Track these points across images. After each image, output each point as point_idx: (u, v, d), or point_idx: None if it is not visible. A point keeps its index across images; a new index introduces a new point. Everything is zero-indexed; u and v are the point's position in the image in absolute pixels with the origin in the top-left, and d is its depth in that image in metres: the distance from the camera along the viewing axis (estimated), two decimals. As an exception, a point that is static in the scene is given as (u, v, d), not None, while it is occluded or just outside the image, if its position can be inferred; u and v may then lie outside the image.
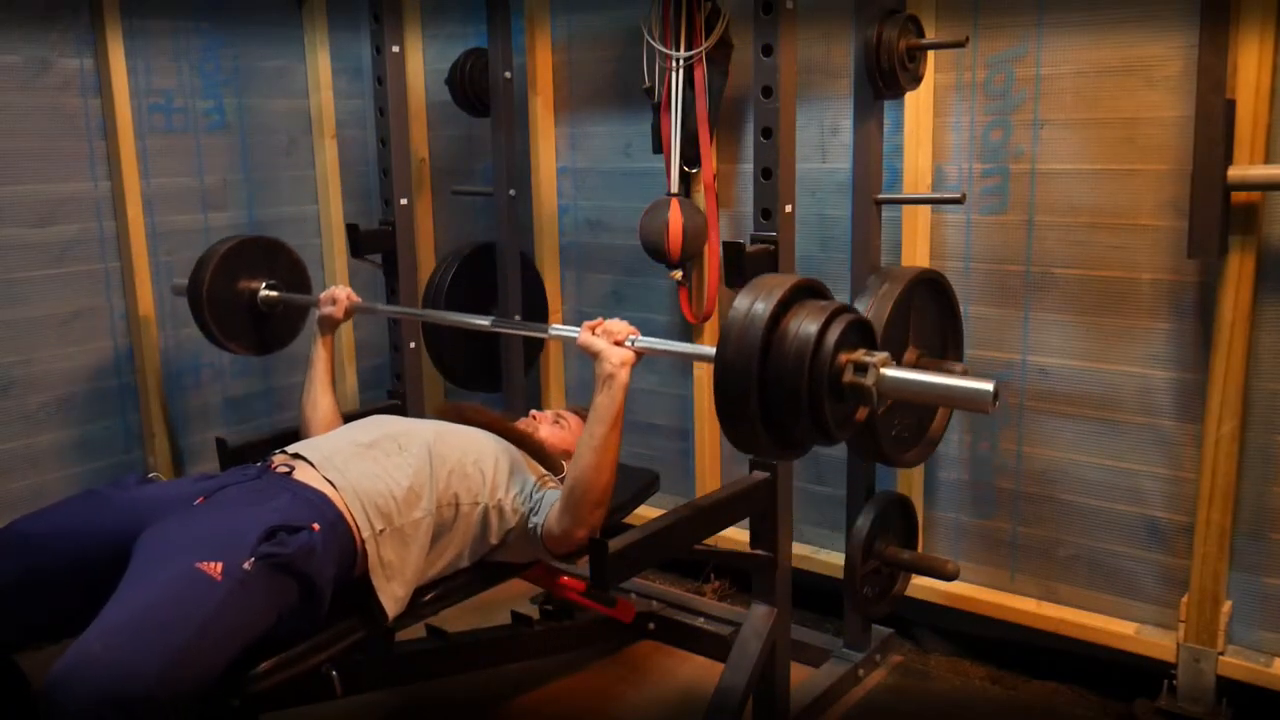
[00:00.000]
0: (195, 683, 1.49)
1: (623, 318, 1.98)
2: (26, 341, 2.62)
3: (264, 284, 2.59)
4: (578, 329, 1.96)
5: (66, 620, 1.72)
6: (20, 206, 2.57)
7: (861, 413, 1.58)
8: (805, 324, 1.49)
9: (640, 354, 1.92)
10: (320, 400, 2.36)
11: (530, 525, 1.98)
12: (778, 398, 1.49)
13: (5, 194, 2.55)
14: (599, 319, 1.95)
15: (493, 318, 2.29)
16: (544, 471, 2.11)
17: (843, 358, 1.49)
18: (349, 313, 2.43)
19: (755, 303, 1.51)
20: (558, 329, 2.07)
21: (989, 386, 1.42)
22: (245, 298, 2.58)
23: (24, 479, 2.63)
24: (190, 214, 2.92)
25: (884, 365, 1.48)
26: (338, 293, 2.41)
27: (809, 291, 1.57)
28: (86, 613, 1.54)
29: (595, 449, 1.88)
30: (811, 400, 1.47)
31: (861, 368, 1.48)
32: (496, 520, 1.99)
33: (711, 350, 1.56)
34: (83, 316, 2.72)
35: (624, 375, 1.89)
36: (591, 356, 1.92)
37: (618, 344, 1.91)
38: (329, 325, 2.42)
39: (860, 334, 1.53)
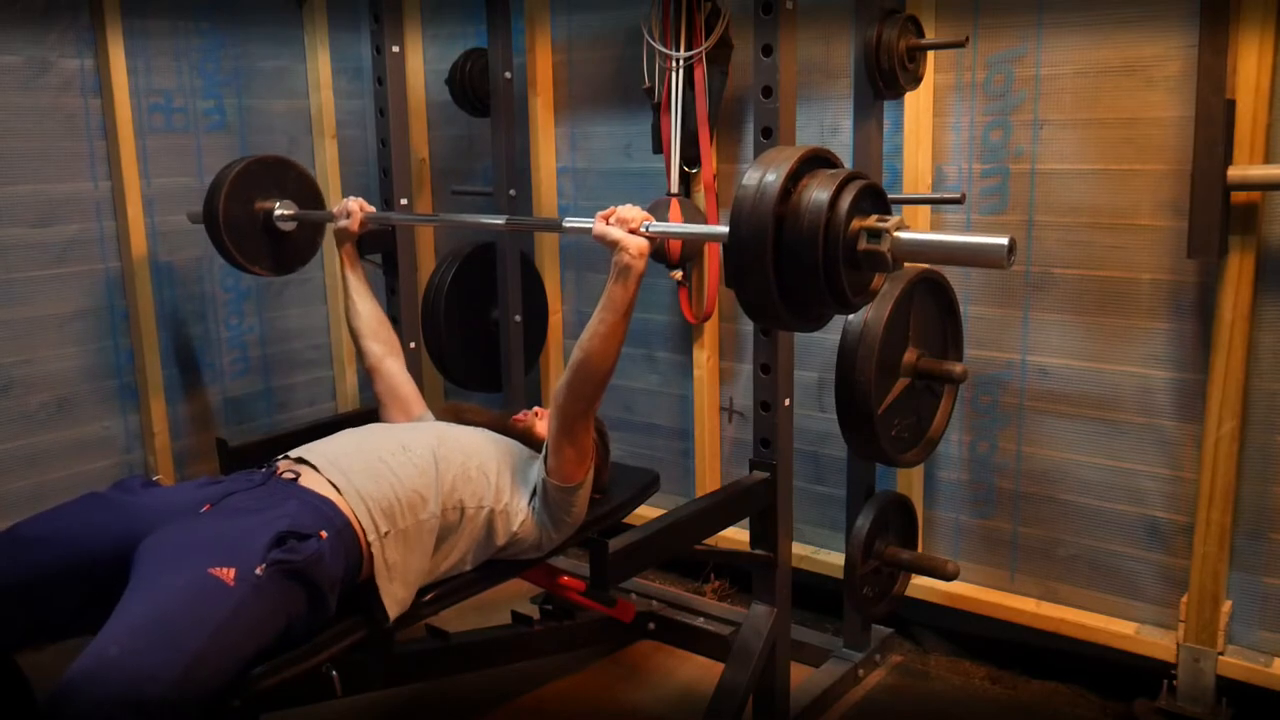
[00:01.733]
0: (210, 687, 1.49)
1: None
2: (26, 341, 2.62)
3: (278, 203, 2.58)
4: (591, 220, 1.92)
5: (69, 622, 1.72)
6: (20, 206, 2.57)
7: (878, 280, 1.56)
8: (817, 193, 1.46)
9: (654, 239, 1.89)
10: (361, 306, 2.41)
11: (536, 487, 2.00)
12: (793, 270, 1.47)
13: (5, 194, 2.55)
14: (611, 208, 1.91)
15: (507, 216, 2.27)
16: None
17: (856, 224, 1.47)
18: (364, 224, 2.42)
19: (765, 175, 1.49)
20: (572, 221, 2.03)
21: (1003, 240, 1.40)
22: (261, 219, 2.58)
23: (24, 479, 2.63)
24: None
25: (897, 229, 1.47)
26: (351, 204, 2.41)
27: (819, 161, 1.54)
28: (88, 615, 1.54)
29: (604, 335, 1.87)
30: (827, 270, 1.46)
31: (875, 234, 1.46)
32: (503, 524, 1.99)
33: (725, 230, 1.54)
34: (83, 316, 2.71)
35: (640, 265, 1.87)
36: (609, 246, 1.89)
37: (632, 232, 1.88)
38: (346, 237, 2.43)
39: (873, 199, 1.51)
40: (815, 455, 2.72)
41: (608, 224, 1.89)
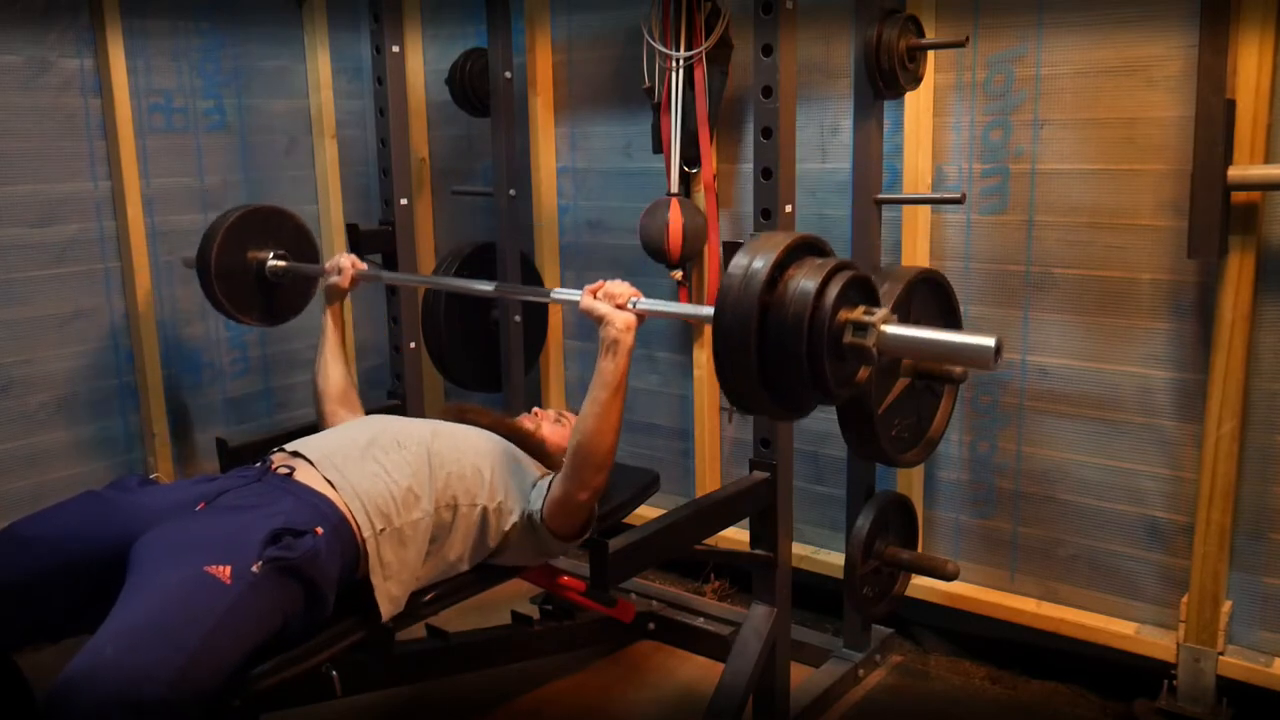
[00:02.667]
0: (208, 685, 1.49)
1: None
2: (26, 341, 2.62)
3: (271, 254, 2.57)
4: (579, 293, 1.93)
5: (66, 621, 1.72)
6: (20, 206, 2.57)
7: (863, 372, 1.54)
8: (803, 282, 1.44)
9: (642, 316, 1.88)
10: (331, 370, 2.37)
11: (530, 513, 1.98)
12: (777, 359, 1.46)
13: (5, 194, 2.55)
14: (600, 282, 1.91)
15: (496, 283, 2.26)
16: (544, 469, 2.11)
17: (842, 316, 1.45)
18: (355, 281, 2.41)
19: (753, 261, 1.47)
20: (560, 293, 2.04)
21: (991, 342, 1.38)
22: (254, 268, 2.56)
23: (24, 479, 2.63)
24: (190, 214, 2.91)
25: (884, 323, 1.45)
26: (343, 261, 2.40)
27: (808, 248, 1.53)
28: (86, 614, 1.54)
29: (598, 414, 1.86)
30: (811, 361, 1.44)
31: (861, 327, 1.44)
32: (495, 522, 1.99)
33: (710, 311, 1.52)
34: (83, 316, 2.71)
35: (628, 340, 1.86)
36: (595, 321, 1.88)
37: (620, 307, 1.87)
38: (336, 294, 2.41)
39: (861, 291, 1.50)
40: (815, 455, 2.72)
41: (595, 298, 1.88)
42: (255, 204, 2.64)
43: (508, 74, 2.82)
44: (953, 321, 2.26)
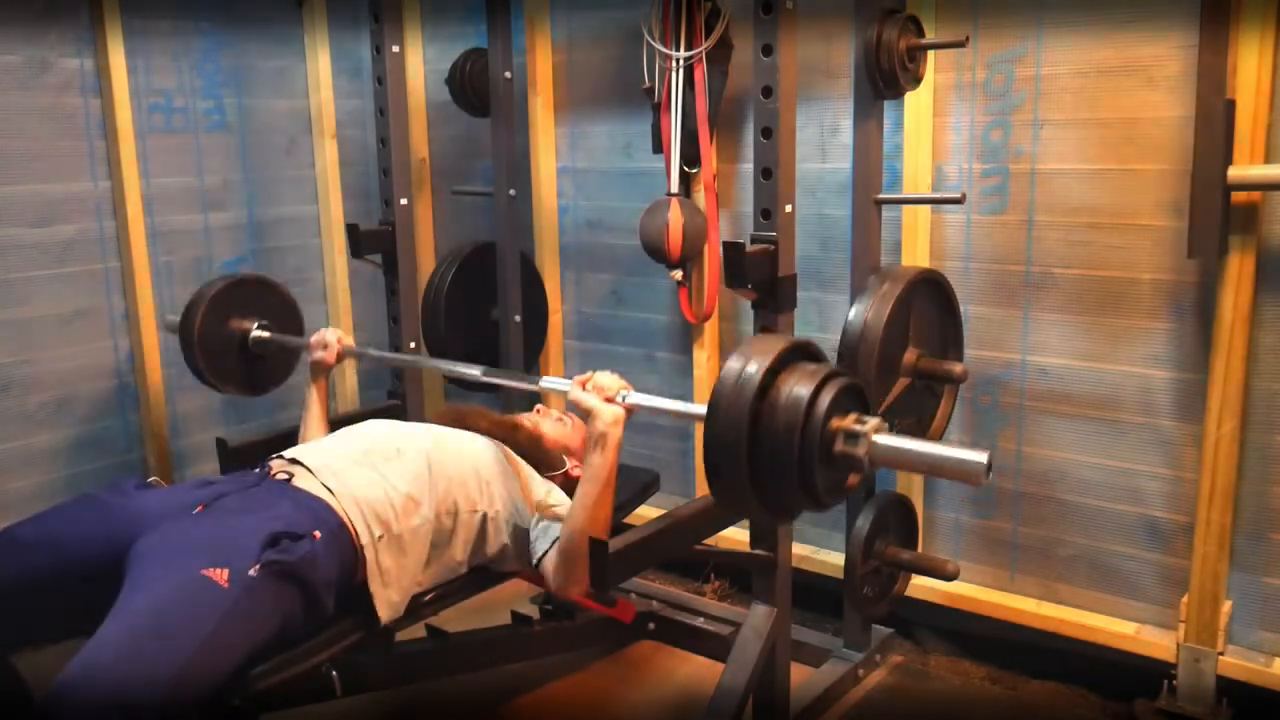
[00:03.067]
0: (204, 690, 1.49)
1: (623, 318, 1.97)
2: (26, 341, 2.62)
3: (255, 324, 2.54)
4: (569, 383, 1.92)
5: (64, 623, 1.72)
6: (20, 206, 2.57)
7: (853, 479, 1.55)
8: (796, 389, 1.45)
9: (631, 410, 1.88)
10: (312, 440, 2.31)
11: (530, 552, 1.98)
12: (768, 465, 1.46)
13: (5, 194, 2.55)
14: (589, 373, 1.91)
15: (484, 368, 2.24)
16: (545, 485, 2.09)
17: (834, 424, 1.45)
18: (341, 357, 2.37)
19: (746, 366, 1.48)
20: (548, 382, 2.03)
21: (982, 458, 1.38)
22: (237, 339, 2.53)
23: (24, 479, 2.63)
24: (190, 214, 2.92)
25: (876, 433, 1.45)
26: (329, 337, 2.36)
27: (801, 354, 1.54)
28: (83, 616, 1.54)
29: (588, 508, 1.85)
30: (802, 469, 1.44)
31: (853, 436, 1.44)
32: (494, 531, 1.99)
33: (703, 410, 1.53)
34: (83, 316, 2.71)
35: (616, 434, 1.85)
36: (582, 414, 1.88)
37: (609, 400, 1.87)
38: (322, 370, 2.36)
39: (852, 399, 1.50)
40: (815, 455, 2.72)
41: (584, 389, 1.87)
42: (241, 274, 2.63)
43: (508, 74, 2.82)
44: (953, 322, 2.26)
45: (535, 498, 2.04)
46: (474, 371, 2.25)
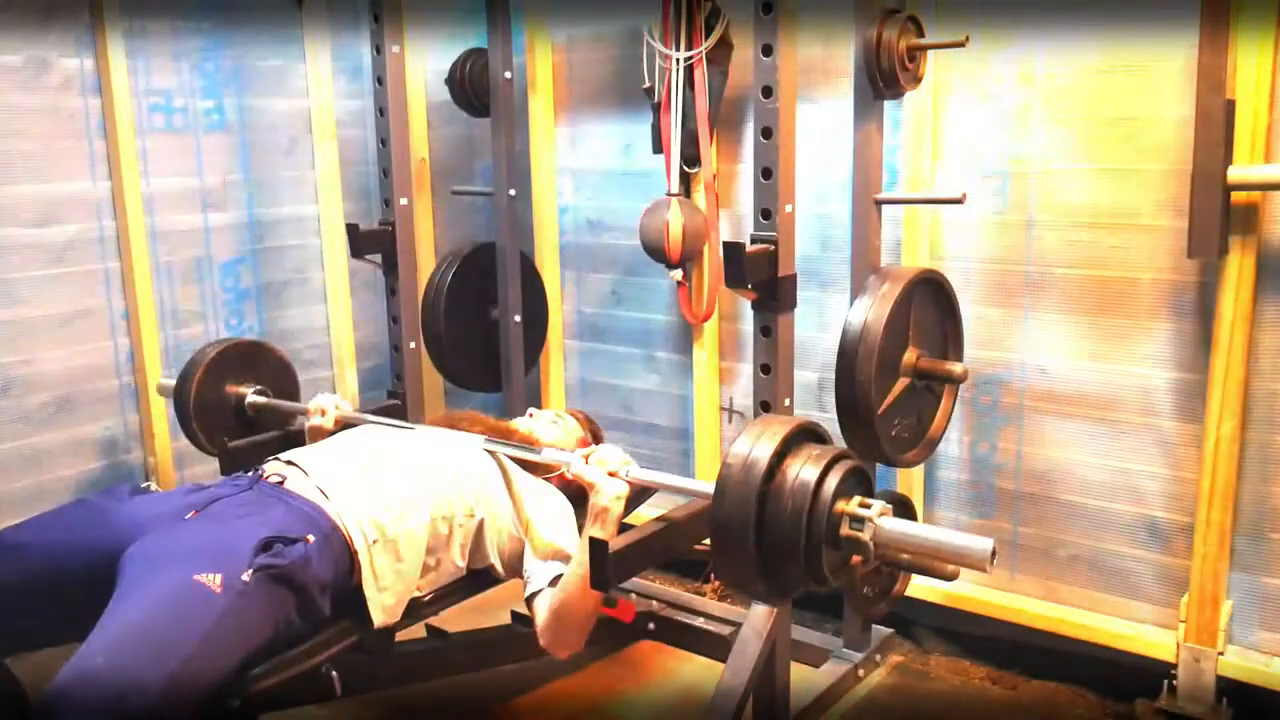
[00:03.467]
0: (197, 694, 1.49)
1: (623, 318, 1.96)
2: (26, 341, 2.62)
3: (251, 389, 2.53)
4: (572, 456, 1.92)
5: (58, 627, 1.72)
6: (20, 206, 2.57)
7: (856, 560, 1.56)
8: (803, 474, 1.47)
9: (635, 485, 1.87)
10: None
11: (524, 577, 1.97)
12: (774, 548, 1.48)
13: (5, 194, 2.55)
14: (592, 448, 1.92)
15: (484, 438, 2.22)
16: (538, 499, 2.07)
17: (839, 508, 1.47)
18: (339, 422, 2.32)
19: (753, 450, 1.50)
20: (551, 453, 2.02)
21: (987, 546, 1.39)
22: (232, 403, 2.52)
23: (24, 479, 2.63)
24: (190, 214, 2.91)
25: (880, 515, 1.47)
26: (325, 403, 2.33)
27: (807, 436, 1.56)
28: (76, 621, 1.54)
29: (582, 576, 1.81)
30: (808, 552, 1.46)
31: (858, 520, 1.46)
32: (492, 535, 1.99)
33: (709, 489, 1.54)
34: (83, 316, 2.71)
35: (618, 509, 1.84)
36: (585, 487, 1.87)
37: (612, 475, 1.86)
38: (318, 436, 2.31)
39: (857, 481, 1.53)
40: (815, 455, 2.72)
41: (587, 463, 1.87)
42: (237, 339, 2.62)
43: (508, 74, 2.82)
44: (953, 322, 2.26)
45: (524, 515, 2.03)
46: (475, 440, 2.19)
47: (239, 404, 2.53)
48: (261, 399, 2.54)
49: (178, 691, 1.44)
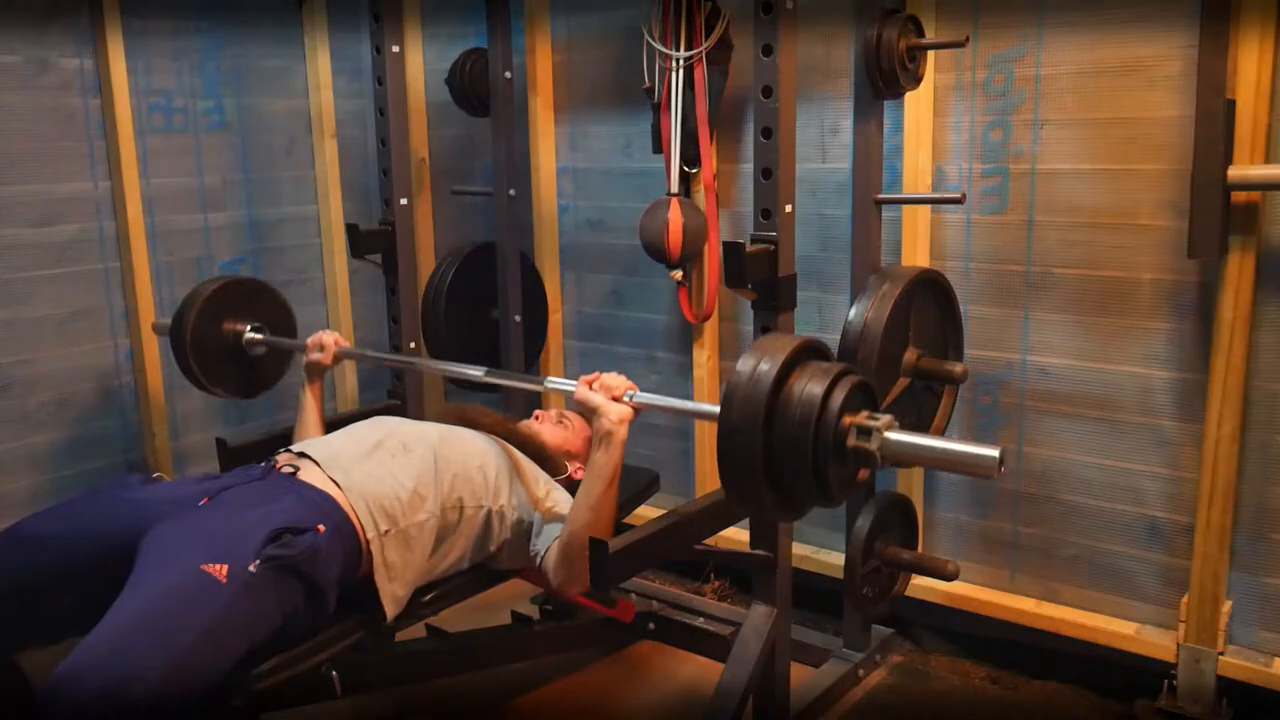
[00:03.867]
0: (199, 685, 1.48)
1: (623, 318, 1.97)
2: (26, 341, 2.62)
3: (249, 327, 2.53)
4: (574, 383, 1.93)
5: (70, 620, 1.72)
6: (20, 206, 2.57)
7: (863, 474, 1.56)
8: (810, 387, 1.47)
9: (638, 409, 1.88)
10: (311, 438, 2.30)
11: (531, 550, 1.98)
12: (782, 462, 1.48)
13: (5, 194, 2.55)
14: (596, 374, 1.91)
15: (486, 369, 2.23)
16: (547, 484, 2.10)
17: (847, 420, 1.47)
18: (337, 359, 2.36)
19: (759, 365, 1.49)
20: (554, 382, 2.03)
21: (994, 453, 1.39)
22: (229, 340, 2.52)
23: (24, 479, 2.63)
24: (190, 214, 2.92)
25: (888, 429, 1.47)
26: (325, 338, 2.34)
27: (812, 353, 1.55)
28: (90, 613, 1.54)
29: (592, 507, 1.85)
30: (816, 464, 1.46)
31: (865, 431, 1.46)
32: (498, 525, 1.99)
33: (715, 409, 1.54)
34: (83, 316, 2.71)
35: (622, 432, 1.86)
36: (589, 412, 1.89)
37: (615, 399, 1.87)
38: (317, 372, 2.34)
39: (863, 396, 1.52)
40: (815, 455, 2.72)
41: (591, 389, 1.88)
42: (233, 276, 2.62)
43: (508, 74, 2.82)
44: (953, 322, 2.26)
45: (536, 494, 2.04)
46: (476, 372, 2.25)
47: (236, 341, 2.52)
48: (259, 336, 2.53)
49: (180, 680, 1.44)
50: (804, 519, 2.72)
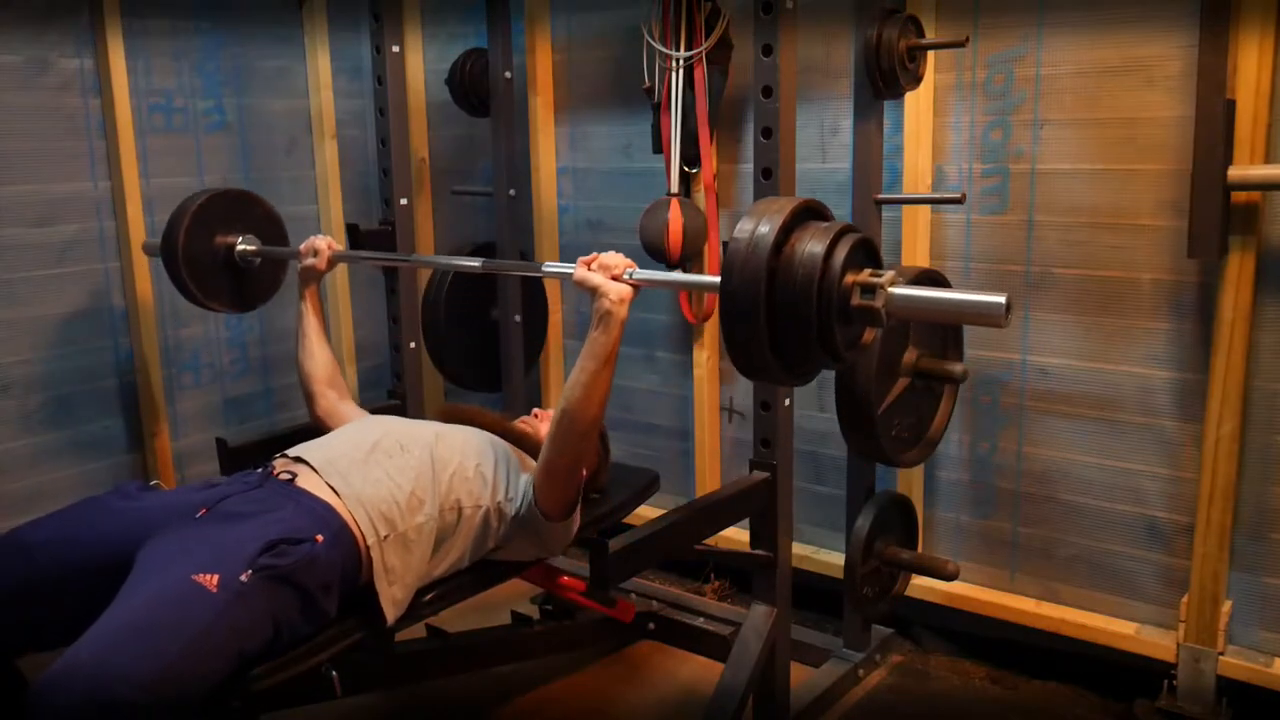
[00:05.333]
0: (186, 693, 1.48)
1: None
2: (26, 341, 2.62)
3: (240, 238, 2.52)
4: (573, 265, 1.90)
5: (67, 627, 1.71)
6: (20, 206, 2.57)
7: (869, 334, 1.54)
8: (811, 246, 1.44)
9: (638, 287, 1.87)
10: (316, 351, 2.34)
11: (526, 502, 1.98)
12: (786, 324, 1.45)
13: (5, 194, 2.55)
14: (594, 254, 1.89)
15: (483, 260, 2.21)
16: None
17: (849, 278, 1.45)
18: (332, 263, 2.37)
19: (759, 226, 1.46)
20: (552, 266, 2.01)
21: (1001, 299, 1.37)
22: (222, 253, 2.51)
23: (24, 479, 2.63)
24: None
25: (891, 284, 1.44)
26: (319, 243, 2.35)
27: (811, 213, 1.52)
28: (87, 620, 1.54)
29: (586, 384, 1.83)
30: (821, 325, 1.44)
31: (869, 289, 1.44)
32: (497, 522, 1.99)
33: (716, 280, 1.51)
34: (83, 316, 2.71)
35: (622, 312, 1.83)
36: (589, 292, 1.86)
37: (615, 279, 1.85)
38: (312, 276, 2.36)
39: (866, 253, 1.49)
40: (815, 455, 2.72)
41: (589, 269, 1.86)
42: (221, 188, 2.59)
43: (508, 74, 2.83)
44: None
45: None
46: (473, 264, 2.25)
47: (228, 253, 2.51)
48: (252, 246, 2.52)
49: (166, 687, 1.44)
50: (804, 519, 2.74)
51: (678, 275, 1.78)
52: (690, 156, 2.62)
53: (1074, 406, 2.35)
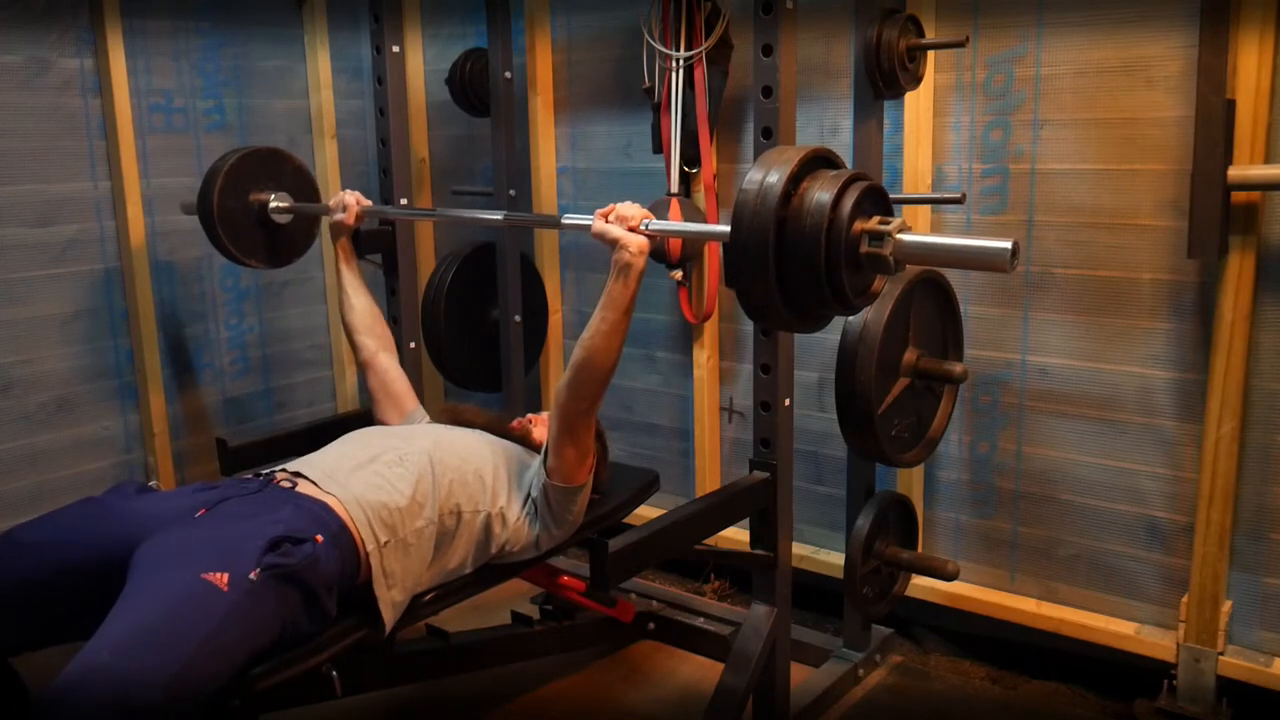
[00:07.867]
0: (201, 693, 1.48)
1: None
2: (26, 341, 2.62)
3: (273, 195, 2.56)
4: (590, 217, 1.92)
5: (65, 627, 1.72)
6: (20, 206, 2.57)
7: (879, 282, 1.55)
8: (819, 195, 1.45)
9: (654, 236, 1.88)
10: (356, 302, 2.41)
11: (537, 485, 2.00)
12: (795, 271, 1.46)
13: (5, 194, 2.55)
14: (610, 205, 1.90)
15: (505, 212, 2.24)
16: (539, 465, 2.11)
17: (858, 226, 1.45)
18: (360, 217, 2.43)
19: (767, 176, 1.47)
20: (571, 217, 2.03)
21: (1006, 244, 1.38)
22: (255, 211, 2.55)
23: (24, 479, 2.63)
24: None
25: (899, 231, 1.45)
26: (347, 198, 2.41)
27: (821, 161, 1.53)
28: (85, 620, 1.54)
29: (605, 332, 1.87)
30: (830, 272, 1.45)
31: (877, 236, 1.44)
32: (499, 528, 1.99)
33: (726, 229, 1.52)
34: (83, 316, 2.71)
35: (640, 262, 1.86)
36: (608, 244, 1.88)
37: (632, 230, 1.87)
38: (342, 231, 2.43)
39: (874, 200, 1.50)
40: (815, 455, 2.72)
41: (607, 221, 1.88)
42: (252, 145, 2.62)
43: (508, 74, 2.82)
44: (953, 322, 2.26)
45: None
46: (495, 217, 2.28)
47: (262, 211, 2.55)
48: (284, 203, 2.56)
49: (182, 687, 1.44)
50: (804, 519, 2.74)
51: (692, 225, 1.83)
52: (690, 156, 2.62)
53: (1074, 406, 2.35)
